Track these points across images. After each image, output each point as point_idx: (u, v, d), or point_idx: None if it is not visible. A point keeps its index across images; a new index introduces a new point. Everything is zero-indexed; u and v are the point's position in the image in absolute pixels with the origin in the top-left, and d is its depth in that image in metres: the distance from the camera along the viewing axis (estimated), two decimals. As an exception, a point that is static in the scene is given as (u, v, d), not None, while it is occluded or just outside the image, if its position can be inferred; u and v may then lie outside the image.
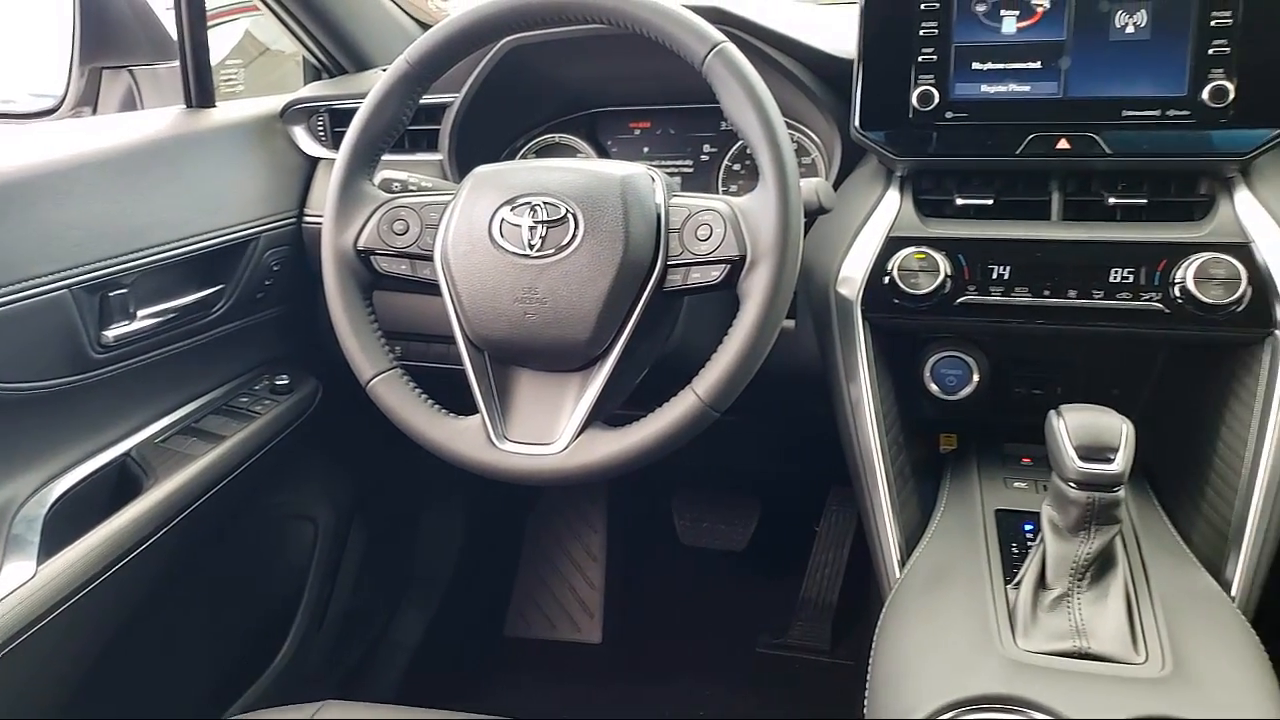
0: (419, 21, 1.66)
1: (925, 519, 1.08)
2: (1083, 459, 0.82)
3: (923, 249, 1.06)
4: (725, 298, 0.94)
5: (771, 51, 1.20)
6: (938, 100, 1.06)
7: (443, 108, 1.36)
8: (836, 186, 1.18)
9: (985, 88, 1.06)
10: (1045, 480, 0.89)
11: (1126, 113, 1.02)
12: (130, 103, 1.89)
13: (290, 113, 1.47)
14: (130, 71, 1.86)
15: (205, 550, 1.33)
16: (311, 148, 1.48)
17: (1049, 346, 1.15)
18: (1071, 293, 1.03)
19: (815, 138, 1.31)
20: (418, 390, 1.02)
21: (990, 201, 1.08)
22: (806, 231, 0.97)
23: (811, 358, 1.16)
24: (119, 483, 1.21)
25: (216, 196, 1.33)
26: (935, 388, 1.12)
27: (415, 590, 1.92)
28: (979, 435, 1.21)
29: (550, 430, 0.96)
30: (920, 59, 1.07)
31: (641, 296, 0.94)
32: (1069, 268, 1.03)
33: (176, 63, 1.44)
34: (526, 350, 0.97)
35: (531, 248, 0.94)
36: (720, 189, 1.38)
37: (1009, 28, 1.05)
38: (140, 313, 1.20)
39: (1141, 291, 1.01)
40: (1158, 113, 1.01)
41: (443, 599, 1.92)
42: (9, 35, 1.81)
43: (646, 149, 1.42)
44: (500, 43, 1.28)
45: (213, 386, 1.37)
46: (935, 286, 1.04)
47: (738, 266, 0.92)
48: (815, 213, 0.98)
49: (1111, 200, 1.05)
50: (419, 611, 1.89)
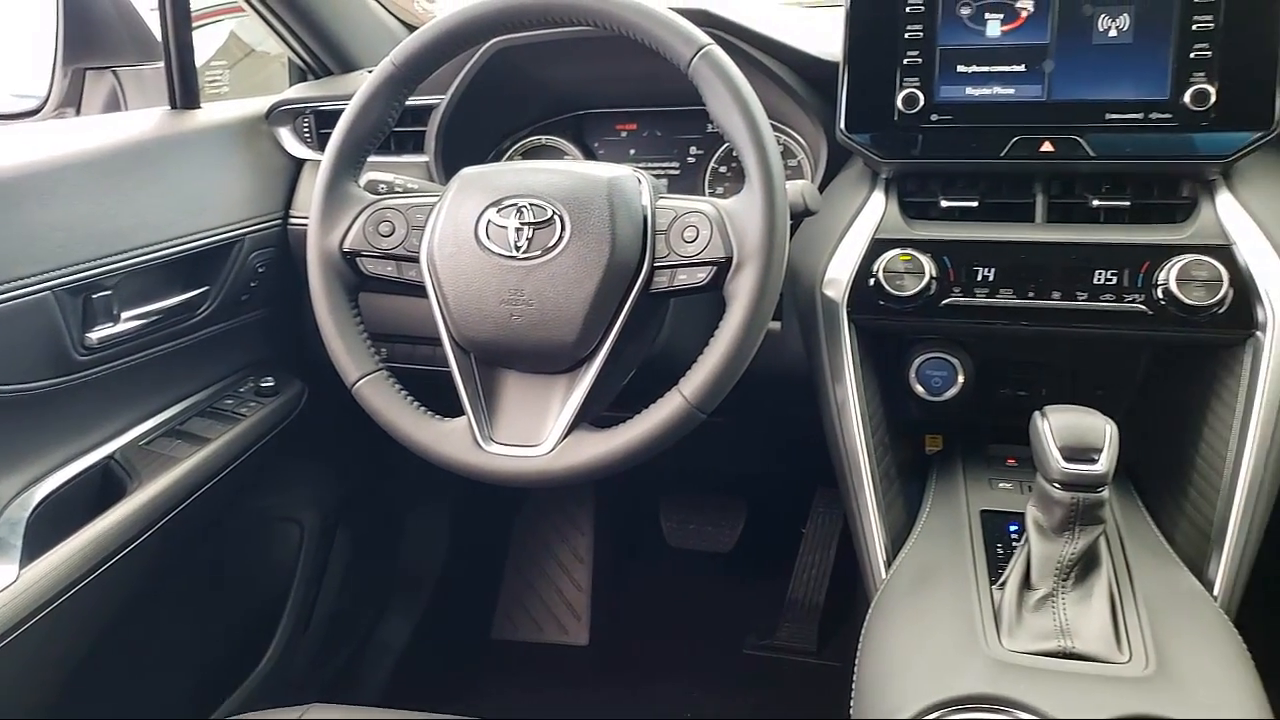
0: (405, 23, 1.66)
1: (911, 520, 1.09)
2: (1067, 459, 0.83)
3: (908, 251, 1.06)
4: (712, 299, 0.94)
5: (757, 54, 1.20)
6: (923, 103, 1.07)
7: (429, 109, 1.36)
8: (822, 189, 1.18)
9: (970, 90, 1.06)
10: (1030, 481, 0.89)
11: (1109, 116, 1.03)
12: (114, 104, 1.88)
13: (276, 114, 1.47)
14: (114, 72, 1.85)
15: (190, 553, 1.32)
16: (297, 149, 1.47)
17: (1033, 348, 1.15)
18: (1055, 294, 1.04)
19: (801, 140, 1.31)
20: (403, 392, 1.01)
21: (975, 204, 1.09)
22: (792, 233, 0.98)
23: (798, 359, 1.17)
24: (103, 485, 1.20)
25: (201, 198, 1.32)
26: (921, 389, 1.13)
27: (401, 593, 1.91)
28: (964, 436, 1.21)
29: (537, 432, 0.96)
30: (905, 62, 1.07)
31: (628, 298, 0.94)
32: (1053, 270, 1.03)
33: (161, 64, 1.43)
34: (513, 352, 0.97)
35: (518, 249, 0.94)
36: (706, 191, 1.38)
37: (993, 31, 1.05)
38: (124, 314, 1.20)
39: (1125, 293, 1.02)
40: (1140, 116, 1.02)
41: (429, 602, 1.91)
42: (-8, 36, 1.80)
43: (633, 151, 1.42)
44: (486, 44, 1.28)
45: (197, 389, 1.37)
46: (920, 288, 1.05)
47: (724, 268, 0.92)
48: (801, 215, 0.99)
49: (1095, 202, 1.06)
50: (405, 614, 1.89)
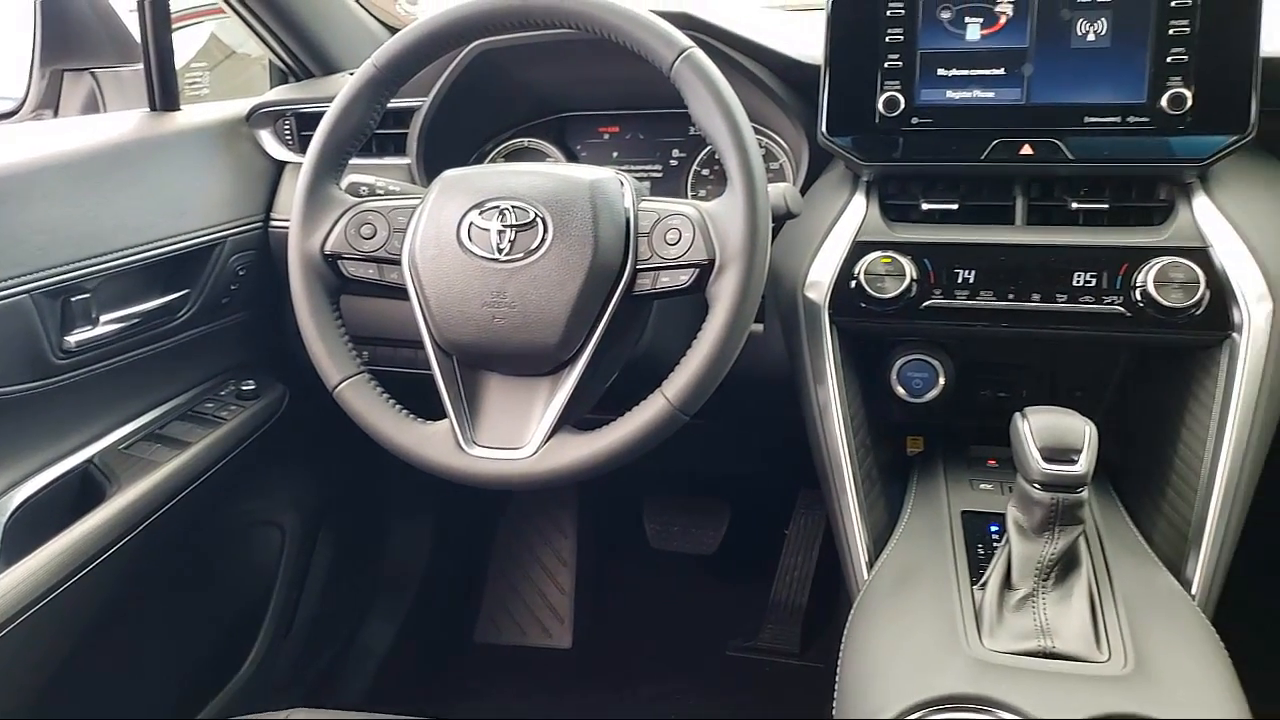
0: (386, 25, 1.65)
1: (893, 521, 1.09)
2: (1047, 460, 0.83)
3: (889, 253, 1.06)
4: (694, 301, 0.94)
5: (739, 57, 1.21)
6: (903, 106, 1.07)
7: (411, 111, 1.36)
8: (804, 191, 1.19)
9: (950, 94, 1.07)
10: (1010, 482, 0.90)
11: (1088, 119, 1.03)
12: (92, 105, 1.87)
13: (256, 116, 1.46)
14: (93, 74, 1.84)
15: (170, 558, 1.31)
16: (278, 151, 1.47)
17: (1013, 349, 1.16)
18: (1035, 296, 1.04)
19: (783, 143, 1.31)
20: (385, 395, 1.01)
21: (955, 206, 1.09)
22: (774, 236, 0.98)
23: (780, 361, 1.17)
24: (81, 490, 1.19)
25: (181, 200, 1.31)
26: (902, 391, 1.13)
27: (384, 597, 1.90)
28: (945, 438, 1.22)
29: (519, 435, 0.96)
30: (886, 65, 1.08)
31: (611, 300, 0.94)
32: (1033, 272, 1.04)
33: (140, 65, 1.42)
34: (495, 354, 0.97)
35: (500, 252, 0.94)
36: (689, 194, 1.38)
37: (973, 35, 1.06)
38: (103, 318, 1.19)
39: (1104, 295, 1.02)
40: (1118, 119, 1.03)
41: (412, 605, 1.91)
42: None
43: (615, 153, 1.42)
44: (469, 47, 1.28)
45: (178, 392, 1.36)
46: (901, 290, 1.05)
47: (706, 270, 0.92)
48: (783, 217, 0.99)
49: (1074, 205, 1.07)
50: (388, 618, 1.88)
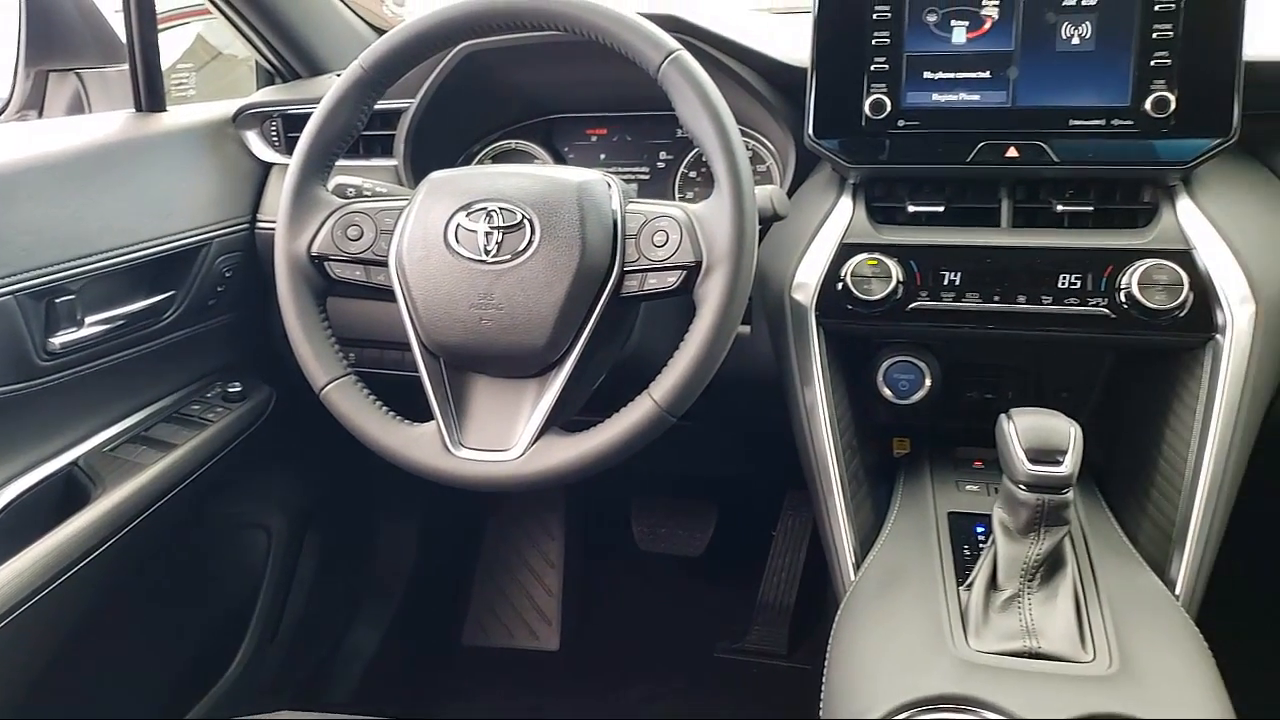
0: (373, 27, 1.65)
1: (879, 522, 1.09)
2: (1032, 462, 0.84)
3: (875, 255, 1.07)
4: (681, 303, 0.95)
5: (726, 59, 1.21)
6: (890, 109, 1.08)
7: (398, 113, 1.35)
8: (791, 194, 1.19)
9: (936, 96, 1.08)
10: (996, 483, 0.90)
11: (1073, 122, 1.04)
12: (78, 106, 1.86)
13: (243, 117, 1.46)
14: (78, 74, 1.83)
15: (156, 560, 1.31)
16: (265, 153, 1.46)
17: (999, 351, 1.17)
18: (1021, 298, 1.05)
19: (770, 145, 1.32)
20: (372, 397, 1.01)
21: (941, 209, 1.10)
22: (761, 238, 0.98)
23: (767, 363, 1.17)
24: (66, 492, 1.19)
25: (167, 202, 1.31)
26: (888, 392, 1.14)
27: (371, 599, 1.90)
28: (931, 439, 1.22)
29: (507, 436, 0.96)
30: (872, 68, 1.08)
31: (598, 302, 0.94)
32: (1018, 273, 1.05)
33: (125, 66, 1.42)
34: (483, 356, 0.97)
35: (487, 253, 0.94)
36: (676, 196, 1.38)
37: (959, 38, 1.07)
38: (88, 319, 1.18)
39: (1088, 297, 1.03)
40: (1103, 122, 1.03)
41: (399, 608, 1.90)
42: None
43: (603, 155, 1.42)
44: (456, 48, 1.28)
45: (163, 394, 1.35)
46: (888, 292, 1.06)
47: (693, 272, 0.92)
48: (770, 220, 0.99)
49: (1059, 207, 1.07)
50: (374, 620, 1.87)
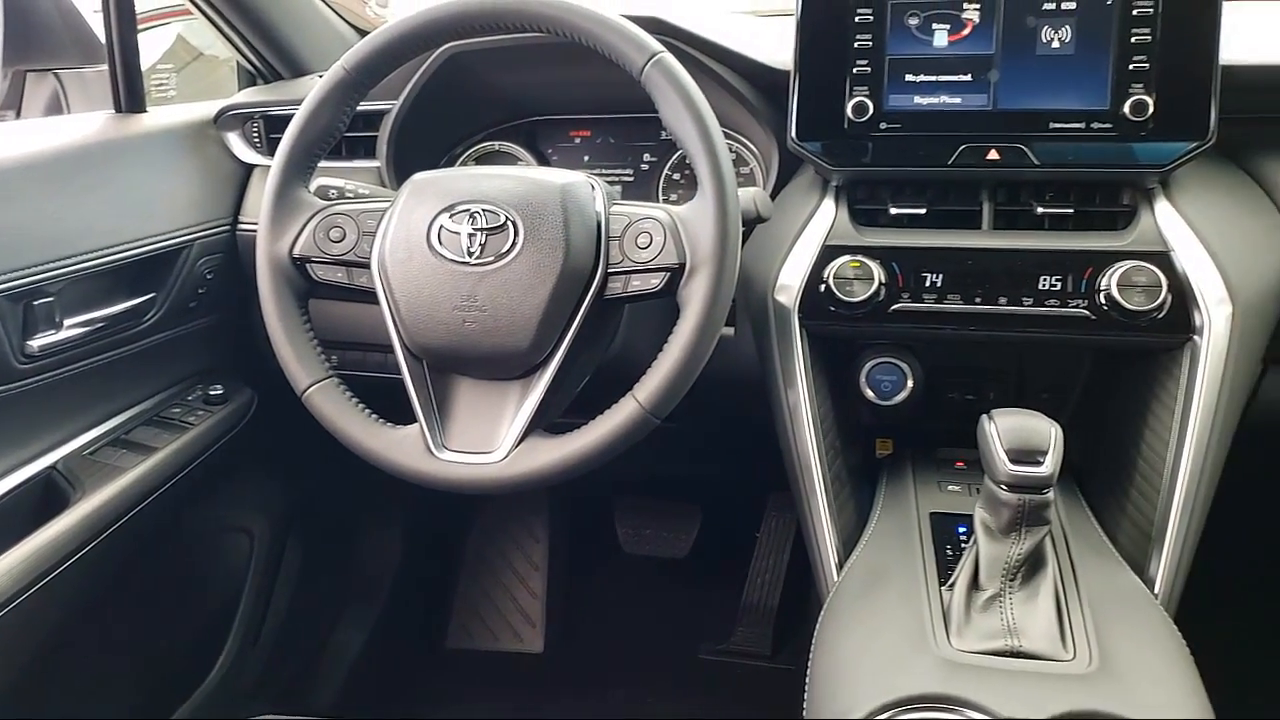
0: (356, 28, 1.64)
1: (862, 523, 1.10)
2: (1013, 462, 0.84)
3: (858, 257, 1.07)
4: (665, 305, 0.95)
5: (709, 62, 1.21)
6: (872, 111, 1.08)
7: (381, 114, 1.35)
8: (774, 196, 1.19)
9: (918, 99, 1.08)
10: (978, 483, 0.91)
11: (1053, 125, 1.05)
12: (56, 107, 1.85)
13: (224, 118, 1.45)
14: (56, 75, 1.82)
15: (136, 564, 1.30)
16: (246, 154, 1.45)
17: (981, 352, 1.18)
18: (1002, 300, 1.05)
19: (753, 148, 1.32)
20: (355, 399, 1.00)
21: (923, 211, 1.10)
22: (745, 240, 0.98)
23: (750, 364, 1.18)
24: (45, 496, 1.18)
25: (147, 203, 1.30)
26: (871, 393, 1.14)
27: (354, 602, 1.89)
28: (914, 440, 1.23)
29: (490, 439, 0.96)
30: (855, 71, 1.09)
31: (582, 304, 0.94)
32: (999, 275, 1.05)
33: (104, 66, 1.41)
34: (466, 358, 0.97)
35: (471, 255, 0.94)
36: (660, 198, 1.38)
37: (940, 41, 1.07)
38: (67, 322, 1.17)
39: (1069, 298, 1.04)
40: (1082, 125, 1.04)
41: (382, 611, 1.89)
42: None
43: (587, 157, 1.42)
44: (439, 50, 1.27)
45: (144, 397, 1.34)
46: (870, 294, 1.06)
47: (677, 274, 0.92)
48: (753, 221, 1.00)
49: (1040, 210, 1.08)
50: (358, 623, 1.87)
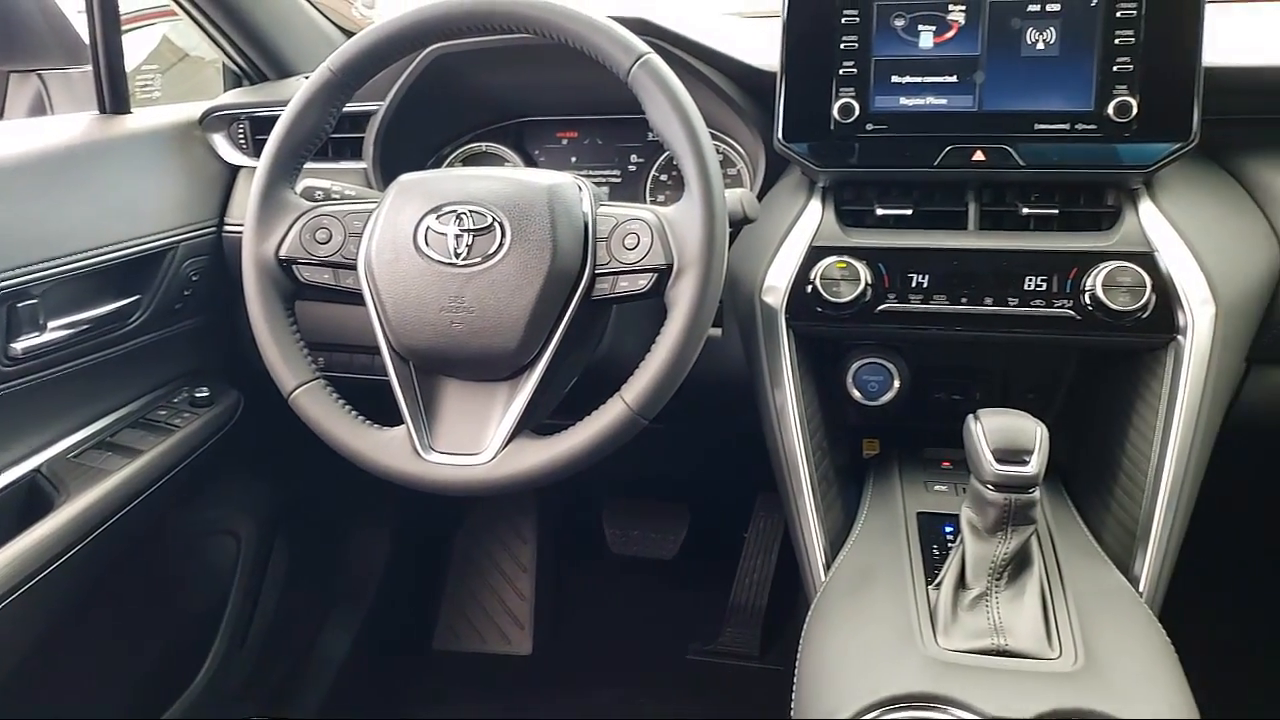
0: (342, 29, 1.64)
1: (849, 523, 1.10)
2: (999, 462, 0.85)
3: (844, 258, 1.08)
4: (653, 306, 0.95)
5: (696, 63, 1.21)
6: (858, 112, 1.09)
7: (367, 115, 1.35)
8: (761, 197, 1.19)
9: (904, 100, 1.09)
10: (964, 483, 0.91)
11: (1038, 126, 1.05)
12: (40, 108, 1.84)
13: (210, 120, 1.45)
14: (39, 76, 1.81)
15: (122, 568, 1.29)
16: (232, 156, 1.45)
17: (967, 353, 1.18)
18: (988, 300, 1.06)
19: (740, 149, 1.32)
20: (341, 401, 1.00)
21: (909, 211, 1.11)
22: (732, 241, 0.99)
23: (738, 365, 1.18)
24: (28, 499, 1.17)
25: (132, 205, 1.29)
26: (858, 394, 1.15)
27: (341, 605, 1.88)
28: (900, 440, 1.23)
29: (478, 440, 0.96)
30: (841, 72, 1.09)
31: (569, 305, 0.94)
32: (985, 276, 1.06)
33: (89, 67, 1.40)
34: (453, 360, 0.97)
35: (457, 256, 0.94)
36: (648, 199, 1.39)
37: (926, 42, 1.08)
38: (51, 324, 1.17)
39: (1054, 299, 1.04)
40: (1067, 126, 1.05)
41: (369, 613, 1.89)
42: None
43: (574, 158, 1.42)
44: (425, 51, 1.27)
45: (129, 399, 1.34)
46: (856, 295, 1.06)
47: (664, 275, 0.92)
48: (740, 223, 1.00)
49: (1025, 210, 1.08)
50: (345, 626, 1.86)
